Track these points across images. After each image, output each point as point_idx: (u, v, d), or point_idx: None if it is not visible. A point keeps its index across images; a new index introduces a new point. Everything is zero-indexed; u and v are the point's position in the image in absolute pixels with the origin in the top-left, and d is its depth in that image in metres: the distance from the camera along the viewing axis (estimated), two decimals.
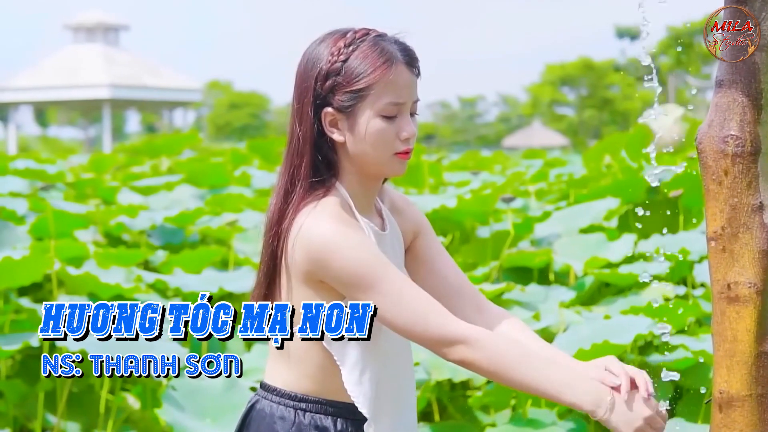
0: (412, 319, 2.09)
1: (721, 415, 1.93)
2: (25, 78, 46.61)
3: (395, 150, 2.18)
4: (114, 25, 48.28)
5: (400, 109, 2.17)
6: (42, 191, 8.04)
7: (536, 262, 5.73)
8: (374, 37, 2.17)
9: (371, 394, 2.19)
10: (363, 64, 2.13)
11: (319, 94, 2.16)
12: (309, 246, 2.11)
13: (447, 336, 2.08)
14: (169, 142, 11.37)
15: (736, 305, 1.90)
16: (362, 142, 2.16)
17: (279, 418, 2.23)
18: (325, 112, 2.17)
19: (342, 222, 2.12)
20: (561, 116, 62.46)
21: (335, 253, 2.10)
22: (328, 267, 2.11)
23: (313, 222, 2.13)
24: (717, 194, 1.90)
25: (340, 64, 2.14)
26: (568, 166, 11.77)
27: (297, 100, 2.20)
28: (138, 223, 6.70)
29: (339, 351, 2.18)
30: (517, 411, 4.51)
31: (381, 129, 2.15)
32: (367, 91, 2.13)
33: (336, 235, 2.10)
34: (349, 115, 2.16)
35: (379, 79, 2.13)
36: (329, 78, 2.15)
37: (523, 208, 7.45)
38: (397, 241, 2.33)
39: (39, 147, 48.65)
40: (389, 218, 2.33)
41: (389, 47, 2.16)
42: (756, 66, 1.87)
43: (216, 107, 69.33)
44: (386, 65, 2.14)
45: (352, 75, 2.13)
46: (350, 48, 2.15)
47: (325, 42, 2.19)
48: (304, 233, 2.12)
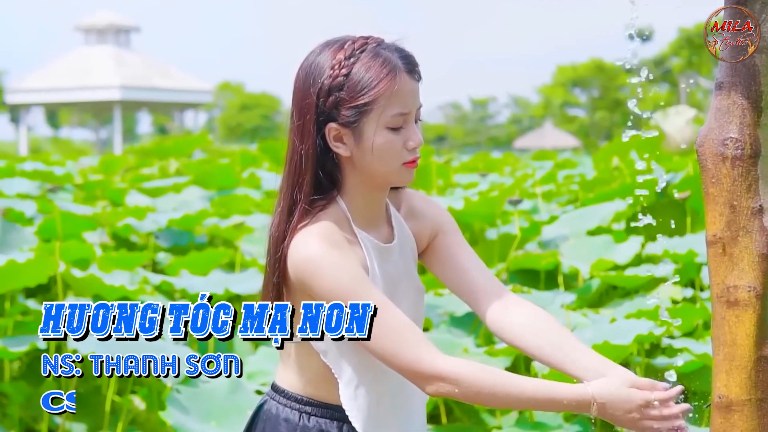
0: (386, 348, 2.07)
1: (720, 420, 1.92)
2: (36, 79, 46.77)
3: (403, 160, 2.15)
4: (125, 27, 48.41)
5: (405, 118, 2.13)
6: (50, 193, 8.05)
7: (543, 265, 5.72)
8: (373, 46, 2.13)
9: (366, 409, 2.18)
10: (366, 78, 2.09)
11: (321, 110, 2.12)
12: (295, 265, 2.11)
13: (421, 371, 2.05)
14: (179, 144, 11.38)
15: (735, 309, 1.88)
16: (369, 155, 2.13)
17: (284, 420, 2.23)
18: (329, 127, 2.13)
19: (329, 242, 2.10)
20: (572, 117, 62.43)
21: (315, 273, 2.09)
22: (310, 286, 2.10)
23: (301, 240, 2.11)
24: (716, 197, 1.89)
25: (342, 79, 2.10)
26: (579, 167, 11.75)
27: (298, 117, 2.15)
28: (145, 225, 6.70)
29: (335, 365, 2.18)
30: (524, 414, 4.50)
31: (388, 141, 2.12)
32: (371, 105, 2.10)
33: (318, 255, 2.08)
34: (355, 130, 2.12)
35: (383, 92, 2.09)
36: (332, 93, 2.10)
37: (532, 210, 7.44)
38: (408, 250, 2.30)
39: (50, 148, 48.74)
40: (400, 227, 2.29)
41: (390, 56, 2.12)
42: (756, 68, 1.85)
43: (227, 109, 69.42)
44: (389, 77, 2.10)
45: (355, 89, 2.09)
46: (351, 60, 2.10)
47: (323, 54, 2.14)
48: (292, 252, 2.12)
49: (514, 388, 2.04)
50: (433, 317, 5.14)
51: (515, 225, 6.32)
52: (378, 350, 2.09)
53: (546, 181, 9.29)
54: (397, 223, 2.29)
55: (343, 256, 2.10)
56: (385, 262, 2.23)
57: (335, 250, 2.10)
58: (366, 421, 2.18)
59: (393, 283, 2.23)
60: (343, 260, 2.10)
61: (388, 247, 2.24)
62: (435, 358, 2.05)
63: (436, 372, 2.04)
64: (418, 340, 2.07)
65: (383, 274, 2.21)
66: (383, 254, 2.23)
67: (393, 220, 2.29)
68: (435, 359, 2.05)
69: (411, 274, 2.30)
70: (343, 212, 2.18)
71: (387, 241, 2.26)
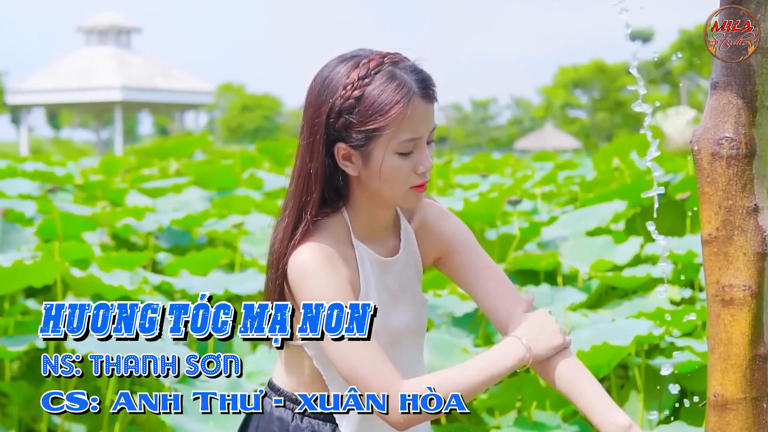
0: (350, 373, 2.07)
1: (715, 418, 1.92)
2: (37, 80, 46.81)
3: (411, 184, 2.12)
4: (126, 28, 48.46)
5: (416, 143, 2.09)
6: (51, 193, 8.06)
7: (543, 265, 5.72)
8: (389, 68, 2.07)
9: (355, 417, 2.18)
10: (378, 102, 2.04)
11: (331, 130, 2.09)
12: (289, 274, 2.11)
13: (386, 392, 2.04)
14: (180, 145, 11.37)
15: (730, 308, 1.89)
16: (377, 177, 2.10)
17: (277, 419, 2.24)
18: (338, 147, 2.10)
19: (321, 254, 2.10)
20: (573, 119, 62.48)
21: (302, 283, 2.09)
22: (295, 294, 2.11)
23: (297, 249, 2.11)
24: (712, 196, 1.90)
25: (353, 101, 2.05)
26: (579, 168, 11.75)
27: (308, 135, 2.12)
28: (145, 225, 6.70)
29: (326, 370, 2.18)
30: (522, 413, 4.50)
31: (397, 166, 2.09)
32: (381, 130, 2.05)
33: (308, 266, 2.09)
34: (363, 152, 2.09)
35: (394, 118, 2.05)
36: (342, 115, 2.07)
37: (531, 211, 7.45)
38: (413, 264, 2.29)
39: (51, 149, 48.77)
40: (408, 240, 2.27)
41: (405, 79, 2.06)
42: (751, 68, 1.86)
43: (228, 110, 69.51)
44: (402, 102, 2.05)
45: (366, 114, 2.05)
46: (365, 81, 2.05)
47: (337, 70, 2.09)
48: (289, 263, 2.12)
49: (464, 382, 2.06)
50: (433, 317, 5.14)
51: (515, 225, 6.33)
52: (342, 371, 2.09)
53: (546, 182, 9.30)
54: (405, 236, 2.27)
55: (333, 270, 2.10)
56: (385, 274, 2.21)
57: (327, 262, 2.10)
58: (356, 425, 2.19)
59: (393, 296, 2.22)
60: (330, 274, 2.09)
61: (390, 261, 2.23)
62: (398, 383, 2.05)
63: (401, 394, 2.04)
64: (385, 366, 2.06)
65: (382, 287, 2.20)
66: (383, 267, 2.21)
67: (402, 233, 2.27)
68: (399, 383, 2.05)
69: (414, 287, 2.29)
70: (345, 223, 2.18)
71: (391, 254, 2.24)
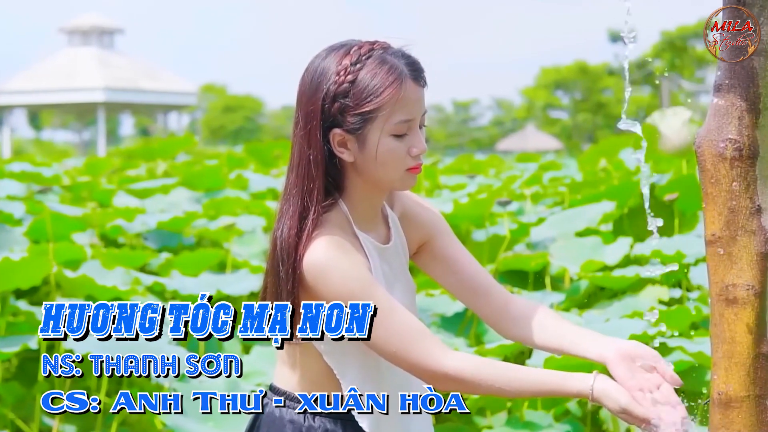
0: (395, 346, 2.09)
1: (719, 417, 1.94)
2: (19, 81, 46.60)
3: (407, 166, 2.16)
4: (109, 29, 48.30)
5: (410, 125, 2.13)
6: (38, 194, 8.04)
7: (532, 266, 5.74)
8: (380, 52, 2.12)
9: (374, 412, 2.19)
10: (371, 85, 2.09)
11: (327, 116, 2.12)
12: (306, 272, 2.12)
13: (429, 370, 2.08)
14: (165, 146, 11.38)
15: (734, 307, 1.91)
16: (373, 161, 2.13)
17: (289, 422, 2.23)
18: (334, 133, 2.13)
19: (336, 246, 2.12)
20: (555, 120, 62.61)
21: (324, 278, 2.10)
22: (320, 291, 2.12)
23: (310, 247, 2.12)
24: (715, 197, 1.92)
25: (347, 85, 2.09)
26: (563, 169, 11.79)
27: (304, 123, 2.15)
28: (134, 226, 6.70)
29: (338, 365, 2.19)
30: (514, 414, 4.52)
31: (392, 148, 2.13)
32: (376, 112, 2.09)
33: (326, 260, 2.10)
34: (359, 136, 2.12)
35: (388, 99, 2.09)
36: (337, 100, 2.10)
37: (519, 211, 7.47)
38: (402, 251, 2.32)
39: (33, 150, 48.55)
40: (396, 228, 2.31)
41: (396, 63, 2.12)
42: (754, 70, 1.88)
43: (210, 110, 69.36)
44: (395, 84, 2.09)
45: (360, 97, 2.09)
46: (356, 66, 2.10)
47: (328, 59, 2.13)
48: (304, 259, 2.12)
49: (519, 382, 2.07)
50: (424, 318, 5.15)
51: (504, 226, 6.35)
52: (387, 350, 2.11)
53: (530, 184, 9.33)
54: (393, 224, 2.31)
55: (351, 258, 2.12)
56: (383, 262, 2.25)
57: (342, 253, 2.11)
58: (372, 419, 2.20)
59: (390, 283, 2.25)
60: (351, 263, 2.11)
61: (387, 248, 2.26)
62: (441, 358, 2.08)
63: (443, 371, 2.07)
64: (426, 340, 2.10)
65: (382, 274, 2.23)
66: (382, 255, 2.25)
67: (389, 221, 2.31)
68: (441, 359, 2.08)
69: (405, 274, 2.33)
70: (344, 215, 2.20)
71: (385, 242, 2.28)
